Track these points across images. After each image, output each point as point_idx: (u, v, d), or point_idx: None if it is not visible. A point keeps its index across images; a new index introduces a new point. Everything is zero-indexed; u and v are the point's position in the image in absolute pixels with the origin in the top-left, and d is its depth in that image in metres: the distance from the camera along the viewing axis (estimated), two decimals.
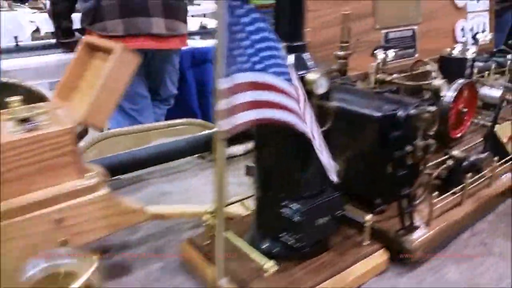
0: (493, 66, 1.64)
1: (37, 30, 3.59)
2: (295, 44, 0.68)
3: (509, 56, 1.97)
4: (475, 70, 1.58)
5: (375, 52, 1.15)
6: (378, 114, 0.79)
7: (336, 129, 0.89)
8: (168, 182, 1.13)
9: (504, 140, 1.06)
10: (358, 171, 0.88)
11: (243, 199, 0.84)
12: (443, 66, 1.32)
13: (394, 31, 1.37)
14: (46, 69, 2.46)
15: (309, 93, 0.63)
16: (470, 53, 1.19)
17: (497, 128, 1.08)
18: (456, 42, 1.58)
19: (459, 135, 1.14)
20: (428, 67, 1.05)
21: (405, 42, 1.41)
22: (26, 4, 4.40)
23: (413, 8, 1.41)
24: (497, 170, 0.97)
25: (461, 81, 1.11)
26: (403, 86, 0.86)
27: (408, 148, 0.79)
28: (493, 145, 1.07)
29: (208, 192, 0.62)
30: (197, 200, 1.04)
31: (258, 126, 0.68)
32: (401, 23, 1.38)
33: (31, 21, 3.64)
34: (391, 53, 1.16)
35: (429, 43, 1.48)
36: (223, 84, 0.49)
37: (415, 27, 1.43)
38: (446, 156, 0.94)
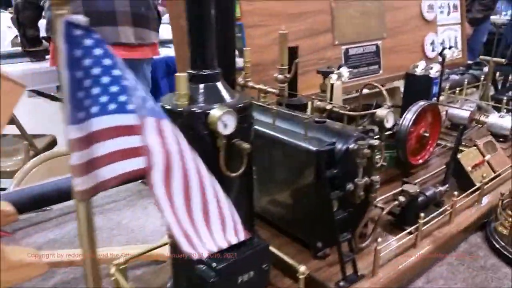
0: (466, 81, 1.57)
1: (17, 36, 3.45)
2: (206, 73, 0.58)
3: (485, 69, 1.90)
4: (447, 86, 1.51)
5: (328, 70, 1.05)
6: (314, 148, 0.69)
7: (272, 162, 0.80)
8: (100, 214, 1.02)
9: (469, 168, 0.97)
10: (296, 211, 0.78)
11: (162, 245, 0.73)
12: (408, 84, 1.24)
13: (355, 47, 1.28)
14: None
15: (215, 133, 0.53)
16: (434, 71, 1.10)
17: (461, 155, 0.98)
18: (426, 57, 1.49)
19: (420, 161, 1.05)
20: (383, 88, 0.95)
21: (367, 58, 1.31)
22: (9, 9, 4.24)
23: (377, 22, 1.32)
24: (458, 205, 0.88)
25: (421, 103, 1.01)
26: (345, 115, 0.76)
27: (349, 186, 0.69)
28: (456, 174, 0.98)
29: (143, 227, 0.52)
30: (127, 238, 0.93)
31: None
32: (363, 38, 1.29)
33: (9, 27, 3.49)
34: (345, 72, 1.06)
35: (396, 59, 1.40)
36: (74, 133, 0.38)
37: (379, 42, 1.34)
38: (400, 189, 0.84)
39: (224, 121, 0.52)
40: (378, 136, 0.73)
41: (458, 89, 1.57)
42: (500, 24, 4.59)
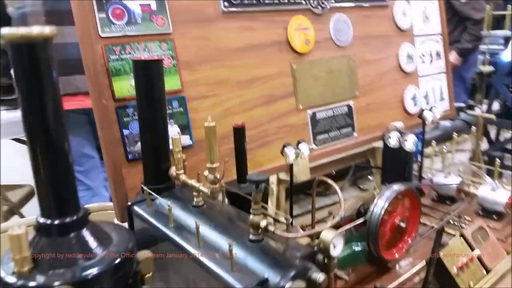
0: (455, 135, 1.39)
1: None
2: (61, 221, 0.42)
3: (477, 111, 1.74)
4: (433, 143, 1.34)
5: (284, 149, 0.89)
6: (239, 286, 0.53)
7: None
8: None
9: (454, 270, 0.79)
10: None
11: None
12: (385, 152, 1.07)
13: (323, 110, 1.13)
14: None
15: None
16: (410, 145, 0.94)
17: (445, 250, 0.81)
18: (407, 113, 1.34)
19: (396, 255, 0.87)
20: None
21: (338, 121, 1.16)
22: None
23: (347, 80, 1.17)
24: None
25: (396, 187, 0.85)
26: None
27: None
28: (440, 277, 0.81)
29: None
30: None
31: None
32: (331, 99, 1.14)
33: None
34: (304, 148, 0.90)
35: (372, 118, 1.24)
36: None
37: (351, 102, 1.19)
38: None
39: None
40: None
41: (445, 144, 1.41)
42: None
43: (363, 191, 1.40)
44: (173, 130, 0.88)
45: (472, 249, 0.85)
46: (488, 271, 0.83)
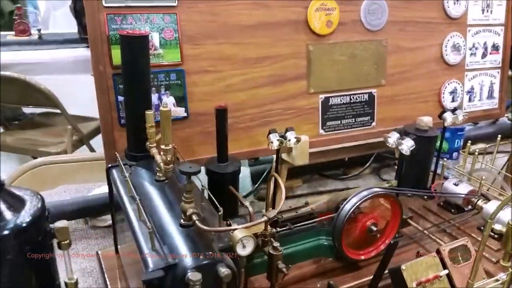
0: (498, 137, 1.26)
1: None
2: None
3: None
4: (468, 144, 1.25)
5: (269, 135, 0.89)
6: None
7: None
8: None
9: (413, 284, 0.77)
10: None
11: None
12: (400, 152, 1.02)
13: (338, 96, 1.09)
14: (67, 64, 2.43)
15: None
16: (405, 148, 0.89)
17: (409, 264, 0.78)
18: (442, 108, 1.25)
19: (362, 257, 0.86)
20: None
21: (355, 109, 1.12)
22: None
23: (372, 67, 1.11)
24: None
25: (375, 189, 0.83)
26: None
27: None
28: (397, 284, 0.79)
29: None
30: None
31: None
32: (350, 86, 1.10)
33: None
34: (291, 136, 0.90)
35: (398, 109, 1.18)
36: None
37: (374, 90, 1.13)
38: None
39: None
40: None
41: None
42: None
43: (383, 181, 1.35)
44: (168, 101, 0.92)
45: (445, 267, 0.81)
46: None
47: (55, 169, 1.45)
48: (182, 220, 0.63)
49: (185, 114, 0.94)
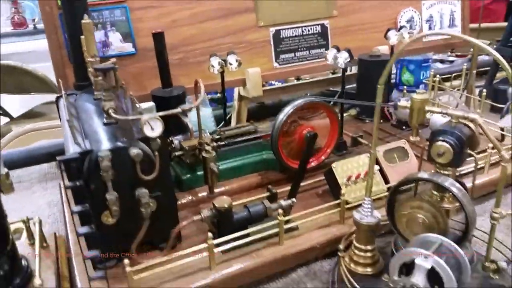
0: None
1: None
2: None
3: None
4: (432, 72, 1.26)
5: (210, 59, 0.93)
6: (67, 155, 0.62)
7: None
8: None
9: (344, 179, 0.80)
10: None
11: None
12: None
13: (289, 28, 1.12)
14: None
15: None
16: (341, 61, 0.91)
17: (341, 162, 0.82)
18: None
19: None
20: None
21: (308, 41, 1.15)
22: None
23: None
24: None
25: (307, 98, 0.86)
26: None
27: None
28: (332, 185, 0.82)
29: None
30: None
31: None
32: (300, 18, 1.12)
33: None
34: (232, 60, 0.93)
35: (352, 40, 1.20)
36: None
37: (326, 22, 1.16)
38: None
39: None
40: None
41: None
42: None
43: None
44: (114, 37, 0.97)
45: (380, 166, 0.83)
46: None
47: (41, 135, 1.52)
48: (104, 119, 0.68)
49: (133, 50, 0.99)
